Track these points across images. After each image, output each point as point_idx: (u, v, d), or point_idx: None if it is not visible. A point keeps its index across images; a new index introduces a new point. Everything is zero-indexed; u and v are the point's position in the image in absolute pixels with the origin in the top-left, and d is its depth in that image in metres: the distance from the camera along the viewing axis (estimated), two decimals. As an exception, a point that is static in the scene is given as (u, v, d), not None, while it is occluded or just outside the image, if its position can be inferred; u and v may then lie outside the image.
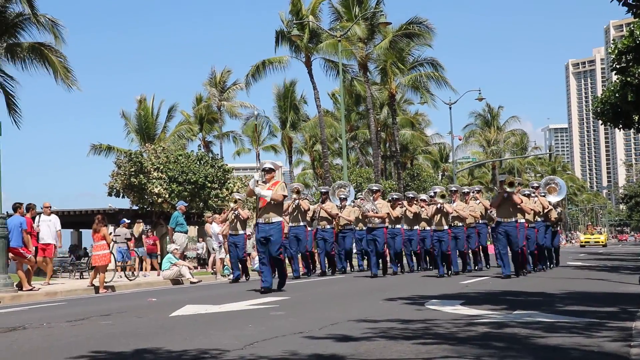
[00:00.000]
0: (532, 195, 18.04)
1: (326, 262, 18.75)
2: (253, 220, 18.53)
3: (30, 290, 15.03)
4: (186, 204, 21.54)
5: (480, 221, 19.36)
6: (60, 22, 30.47)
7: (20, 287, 15.18)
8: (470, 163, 71.25)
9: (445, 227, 16.75)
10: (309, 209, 18.19)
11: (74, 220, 30.68)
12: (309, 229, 18.30)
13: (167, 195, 28.38)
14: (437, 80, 47.12)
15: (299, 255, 18.38)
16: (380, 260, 17.23)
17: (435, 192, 17.48)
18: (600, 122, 29.38)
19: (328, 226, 18.42)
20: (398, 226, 18.15)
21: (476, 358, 5.12)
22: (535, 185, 19.61)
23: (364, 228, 17.64)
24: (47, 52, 30.41)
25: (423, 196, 18.31)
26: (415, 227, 18.31)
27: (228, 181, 31.01)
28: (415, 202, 18.35)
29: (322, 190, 19.51)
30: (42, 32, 30.54)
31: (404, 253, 19.15)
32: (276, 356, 5.31)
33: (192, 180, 28.90)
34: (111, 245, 17.16)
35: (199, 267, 26.26)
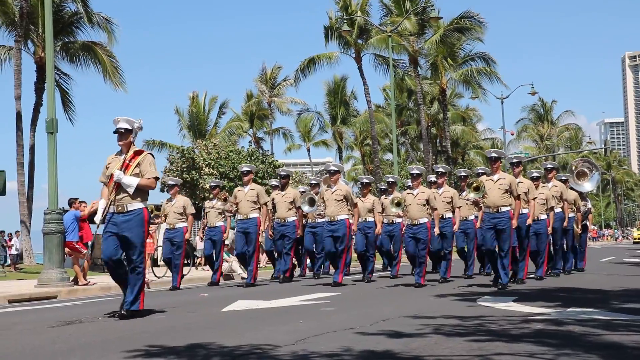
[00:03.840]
0: (543, 179, 14.56)
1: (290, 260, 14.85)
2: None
3: (86, 284, 15.32)
4: None
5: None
6: (114, 21, 31.13)
7: (76, 281, 15.48)
8: (522, 158, 70.35)
9: (423, 219, 12.59)
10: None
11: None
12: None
13: (218, 191, 28.65)
14: (489, 75, 46.65)
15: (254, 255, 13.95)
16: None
17: (431, 181, 14.86)
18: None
19: (290, 218, 14.46)
20: (370, 219, 14.68)
21: (530, 355, 5.04)
22: (549, 166, 15.04)
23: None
24: (99, 51, 31.03)
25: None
26: (398, 220, 14.46)
27: (279, 177, 31.16)
28: (396, 187, 15.19)
29: (282, 174, 15.16)
30: (96, 30, 31.23)
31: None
32: (328, 352, 5.30)
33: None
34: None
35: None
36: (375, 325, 6.81)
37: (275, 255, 15.67)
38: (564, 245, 15.06)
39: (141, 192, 8.17)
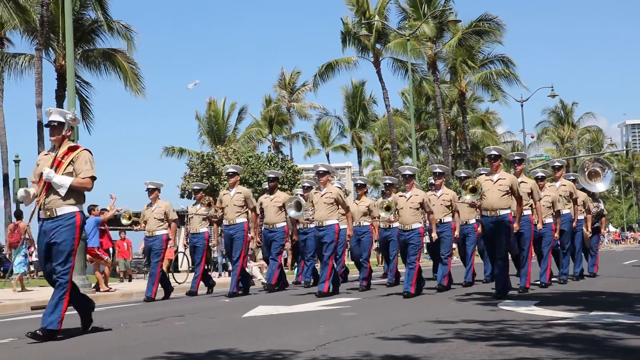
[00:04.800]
0: (548, 179, 13.51)
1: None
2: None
3: (107, 291, 15.39)
4: None
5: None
6: (133, 28, 31.42)
7: (97, 288, 15.57)
8: (543, 161, 69.87)
9: (416, 225, 11.50)
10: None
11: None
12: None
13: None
14: (508, 78, 46.46)
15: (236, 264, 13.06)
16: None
17: (430, 183, 13.71)
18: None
19: (279, 224, 13.64)
20: (365, 223, 13.80)
21: (553, 360, 5.00)
22: (557, 165, 14.05)
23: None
24: (119, 58, 31.28)
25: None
26: (395, 225, 12.75)
27: (298, 182, 31.21)
28: (394, 189, 13.70)
29: (270, 176, 14.28)
30: (115, 37, 31.50)
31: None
32: (349, 357, 5.29)
33: (262, 182, 29.19)
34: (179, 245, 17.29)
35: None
36: (396, 330, 6.79)
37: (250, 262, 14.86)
38: (571, 248, 14.04)
39: (75, 193, 7.05)
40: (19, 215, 17.98)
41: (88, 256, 15.70)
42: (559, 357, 5.07)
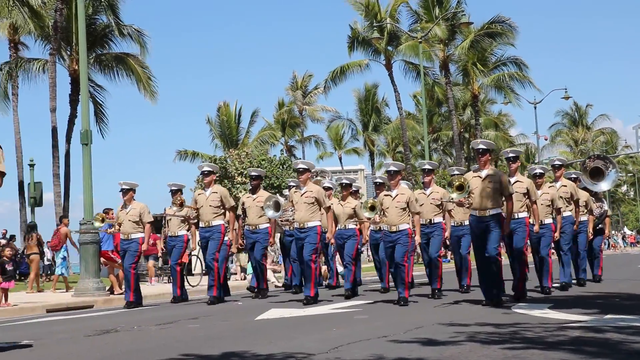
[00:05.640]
0: (548, 177, 12.64)
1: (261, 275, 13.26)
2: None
3: (122, 293, 15.44)
4: None
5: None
6: (146, 32, 31.65)
7: (111, 291, 15.63)
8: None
9: (403, 225, 10.39)
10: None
11: (161, 225, 31.33)
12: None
13: (251, 200, 28.80)
14: (521, 80, 46.30)
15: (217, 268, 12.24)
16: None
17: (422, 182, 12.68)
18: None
19: (262, 225, 12.74)
20: (351, 226, 13.01)
21: (566, 363, 4.98)
22: (557, 163, 13.21)
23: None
24: (132, 62, 31.46)
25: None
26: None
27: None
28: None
29: (253, 174, 13.25)
30: (128, 42, 31.70)
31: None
32: (361, 360, 5.30)
33: (275, 185, 29.22)
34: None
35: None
36: (409, 332, 6.78)
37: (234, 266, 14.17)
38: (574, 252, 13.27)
39: None
40: (61, 219, 18.44)
41: (102, 259, 15.77)
42: (572, 360, 5.06)
